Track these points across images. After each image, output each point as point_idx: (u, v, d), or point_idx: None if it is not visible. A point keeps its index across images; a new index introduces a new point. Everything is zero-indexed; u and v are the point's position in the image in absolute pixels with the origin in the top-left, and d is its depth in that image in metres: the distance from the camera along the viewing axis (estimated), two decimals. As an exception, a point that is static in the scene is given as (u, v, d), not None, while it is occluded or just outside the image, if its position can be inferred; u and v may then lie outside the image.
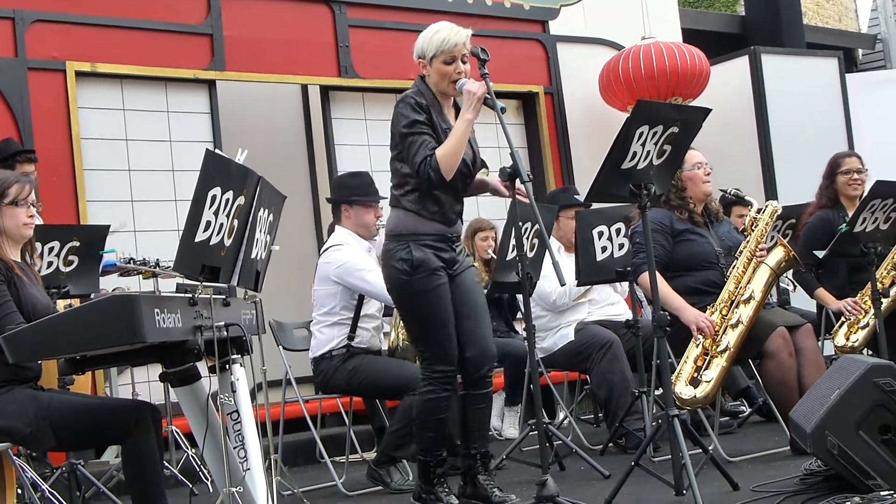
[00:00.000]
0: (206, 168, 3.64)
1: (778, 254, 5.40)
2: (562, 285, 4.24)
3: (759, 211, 5.46)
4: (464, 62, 4.46)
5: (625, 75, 9.14)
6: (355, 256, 5.59)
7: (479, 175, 5.63)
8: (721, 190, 5.80)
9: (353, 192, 5.73)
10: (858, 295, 6.09)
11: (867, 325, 5.99)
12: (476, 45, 4.47)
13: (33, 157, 6.21)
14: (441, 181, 4.37)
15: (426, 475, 4.60)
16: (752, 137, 9.83)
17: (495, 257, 6.67)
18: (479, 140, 4.65)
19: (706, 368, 5.10)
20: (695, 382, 5.06)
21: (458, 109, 4.52)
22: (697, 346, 5.14)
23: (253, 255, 3.98)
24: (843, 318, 6.11)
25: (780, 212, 5.56)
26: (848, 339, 6.03)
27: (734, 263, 5.33)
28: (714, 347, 5.13)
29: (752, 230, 5.39)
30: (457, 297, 4.50)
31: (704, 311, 5.20)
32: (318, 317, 5.65)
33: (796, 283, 6.63)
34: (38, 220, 4.11)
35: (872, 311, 5.83)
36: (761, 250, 5.33)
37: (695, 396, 5.03)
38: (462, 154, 4.42)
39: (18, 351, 3.45)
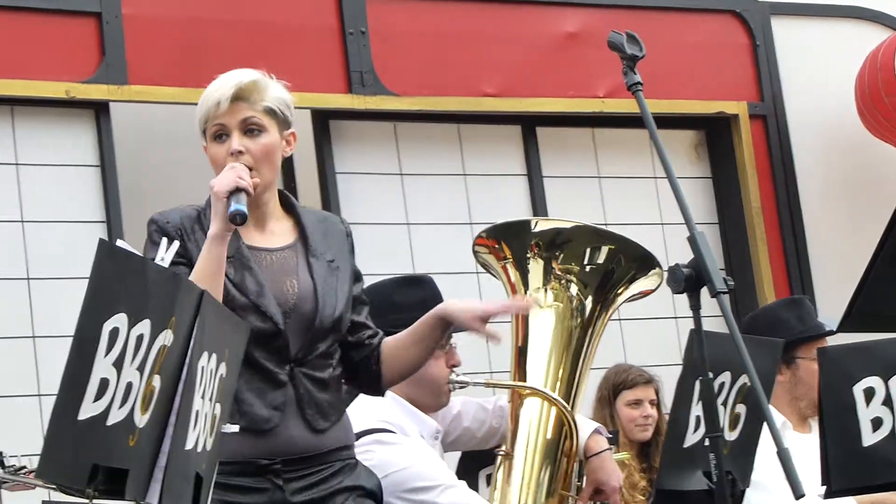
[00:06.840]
0: (100, 274, 2.93)
1: None
2: (797, 498, 3.72)
3: None
4: (252, 131, 4.14)
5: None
6: (418, 457, 5.02)
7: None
8: None
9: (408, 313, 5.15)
10: None
11: None
12: (620, 32, 4.20)
13: None
14: None
15: None
16: None
17: (660, 439, 6.42)
18: (627, 212, 5.53)
19: None
20: None
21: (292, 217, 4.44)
22: None
23: (187, 445, 3.40)
24: None
25: None
26: None
27: None
28: None
29: None
30: None
31: None
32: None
33: None
34: None
35: None
36: None
37: None
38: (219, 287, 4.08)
39: None
